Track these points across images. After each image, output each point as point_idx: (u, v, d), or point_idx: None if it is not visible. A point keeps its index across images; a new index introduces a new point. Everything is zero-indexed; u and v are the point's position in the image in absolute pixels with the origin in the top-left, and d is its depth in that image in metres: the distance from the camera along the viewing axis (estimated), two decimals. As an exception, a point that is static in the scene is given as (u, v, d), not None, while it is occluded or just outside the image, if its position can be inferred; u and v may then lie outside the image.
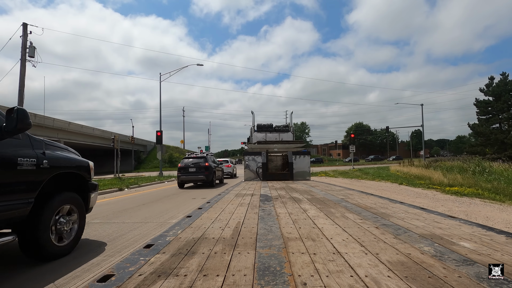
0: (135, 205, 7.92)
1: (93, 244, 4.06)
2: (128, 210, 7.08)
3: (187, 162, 13.89)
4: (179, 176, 13.72)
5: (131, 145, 43.35)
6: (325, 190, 7.07)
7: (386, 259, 1.97)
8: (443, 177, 13.08)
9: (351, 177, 18.63)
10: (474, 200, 8.09)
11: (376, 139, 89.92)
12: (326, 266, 1.86)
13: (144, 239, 4.16)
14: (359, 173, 21.52)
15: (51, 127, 30.17)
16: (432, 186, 11.64)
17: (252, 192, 6.89)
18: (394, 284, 1.57)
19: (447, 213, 5.32)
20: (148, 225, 5.25)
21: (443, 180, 12.52)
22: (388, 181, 14.74)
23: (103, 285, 1.63)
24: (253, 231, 2.85)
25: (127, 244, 3.98)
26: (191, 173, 13.50)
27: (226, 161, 22.13)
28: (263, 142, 14.56)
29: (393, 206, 4.28)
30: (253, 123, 16.28)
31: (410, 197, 8.84)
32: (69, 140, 33.08)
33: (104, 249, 3.80)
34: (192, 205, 7.63)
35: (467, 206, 7.19)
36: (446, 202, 7.80)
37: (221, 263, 1.95)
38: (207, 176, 13.45)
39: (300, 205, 4.61)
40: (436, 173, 14.73)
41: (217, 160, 18.01)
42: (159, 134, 24.36)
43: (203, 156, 14.14)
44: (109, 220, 5.80)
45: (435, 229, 2.78)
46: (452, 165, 17.82)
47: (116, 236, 4.49)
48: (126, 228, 5.02)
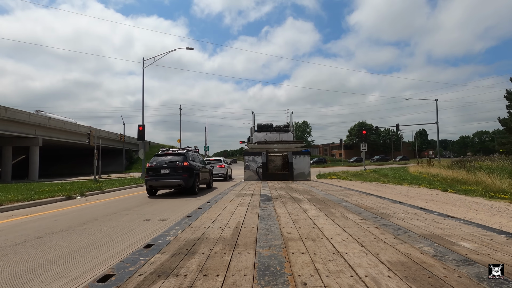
0: (27, 239, 4.56)
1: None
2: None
3: (159, 161, 10.47)
4: (148, 180, 10.28)
5: (122, 143, 40.81)
6: (325, 190, 7.07)
7: (386, 259, 1.97)
8: (499, 182, 9.85)
9: (370, 180, 15.80)
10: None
11: (380, 139, 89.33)
12: (326, 266, 1.86)
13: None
14: (376, 175, 18.81)
15: (27, 123, 26.85)
16: (495, 195, 8.36)
17: (252, 192, 6.89)
18: (394, 284, 1.57)
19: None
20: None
21: (503, 187, 9.31)
22: (422, 186, 11.84)
23: (103, 285, 1.63)
24: (253, 231, 2.85)
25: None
26: (164, 176, 10.14)
27: (219, 161, 19.24)
28: (263, 142, 14.57)
29: (393, 206, 4.28)
30: (253, 123, 16.28)
31: (497, 217, 5.68)
32: (50, 137, 29.92)
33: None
34: (135, 236, 4.54)
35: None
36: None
37: (221, 263, 1.95)
38: (186, 180, 10.05)
39: (300, 205, 4.61)
40: (486, 176, 11.19)
41: (204, 159, 14.82)
42: (141, 128, 21.08)
43: (182, 153, 10.82)
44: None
45: (435, 229, 2.78)
46: (493, 166, 14.19)
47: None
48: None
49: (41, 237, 4.70)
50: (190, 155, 11.18)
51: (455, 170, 15.71)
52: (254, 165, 13.46)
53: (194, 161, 11.24)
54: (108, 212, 7.15)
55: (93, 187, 13.18)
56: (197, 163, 11.43)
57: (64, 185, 14.79)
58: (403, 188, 11.79)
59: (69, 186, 13.76)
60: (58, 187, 12.85)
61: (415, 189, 11.42)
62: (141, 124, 21.34)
